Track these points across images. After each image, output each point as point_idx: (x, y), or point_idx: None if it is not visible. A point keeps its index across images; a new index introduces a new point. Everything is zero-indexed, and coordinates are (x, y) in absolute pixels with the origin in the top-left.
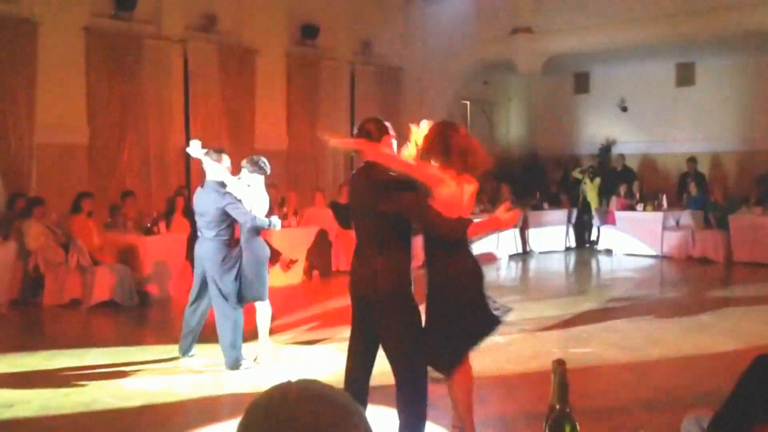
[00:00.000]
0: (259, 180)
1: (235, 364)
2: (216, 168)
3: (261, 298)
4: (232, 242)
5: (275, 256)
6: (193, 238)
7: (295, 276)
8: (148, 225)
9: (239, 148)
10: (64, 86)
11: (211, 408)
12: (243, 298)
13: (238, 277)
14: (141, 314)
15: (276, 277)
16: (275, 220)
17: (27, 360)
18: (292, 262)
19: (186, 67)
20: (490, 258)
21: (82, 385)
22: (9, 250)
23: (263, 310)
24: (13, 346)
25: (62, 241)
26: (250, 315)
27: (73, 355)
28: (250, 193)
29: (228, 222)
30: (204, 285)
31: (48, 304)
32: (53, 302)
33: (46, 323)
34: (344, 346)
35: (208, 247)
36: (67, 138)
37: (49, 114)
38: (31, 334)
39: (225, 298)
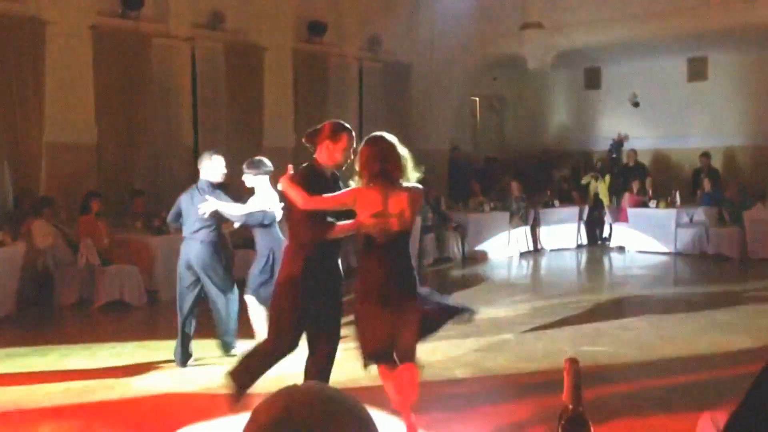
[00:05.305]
0: (265, 180)
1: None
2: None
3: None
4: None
5: None
6: None
7: None
8: (157, 224)
9: (247, 146)
10: (72, 85)
11: (221, 408)
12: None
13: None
14: (150, 314)
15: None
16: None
17: (36, 360)
18: None
19: (194, 66)
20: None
21: (92, 385)
22: (18, 250)
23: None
24: (22, 347)
25: (71, 240)
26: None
27: (83, 355)
28: (260, 195)
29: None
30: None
31: (57, 304)
32: (62, 302)
33: (56, 323)
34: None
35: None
36: (75, 137)
37: (58, 113)
38: (41, 334)
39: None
